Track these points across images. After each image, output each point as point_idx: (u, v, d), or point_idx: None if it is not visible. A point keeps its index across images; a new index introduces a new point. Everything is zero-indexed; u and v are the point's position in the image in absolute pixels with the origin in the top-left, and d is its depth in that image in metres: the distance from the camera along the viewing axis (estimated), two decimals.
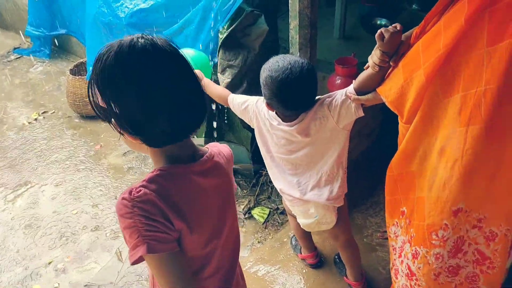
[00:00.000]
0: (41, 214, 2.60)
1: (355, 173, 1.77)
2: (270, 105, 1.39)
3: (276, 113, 1.44)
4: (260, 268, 2.07)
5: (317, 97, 1.43)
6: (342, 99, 1.37)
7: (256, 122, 1.55)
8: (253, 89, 2.18)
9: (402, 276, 1.39)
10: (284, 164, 1.56)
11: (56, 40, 4.34)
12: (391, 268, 1.50)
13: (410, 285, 1.35)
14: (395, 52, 1.20)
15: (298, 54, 1.69)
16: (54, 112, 3.56)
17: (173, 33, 2.14)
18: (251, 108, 1.54)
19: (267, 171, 2.56)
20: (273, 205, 2.49)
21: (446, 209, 1.16)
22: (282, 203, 2.48)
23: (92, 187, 2.78)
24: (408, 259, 1.32)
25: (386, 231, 2.17)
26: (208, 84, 1.66)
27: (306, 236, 1.97)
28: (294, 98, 1.34)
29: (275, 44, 2.38)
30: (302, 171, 1.55)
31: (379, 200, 2.38)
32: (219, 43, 2.00)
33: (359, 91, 1.33)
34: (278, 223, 2.38)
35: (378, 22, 3.56)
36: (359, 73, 2.18)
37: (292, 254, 2.13)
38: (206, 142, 2.41)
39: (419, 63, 1.12)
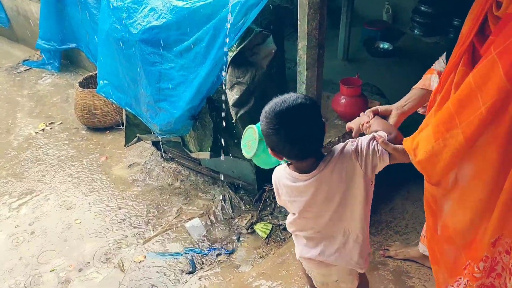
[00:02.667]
0: (45, 223, 2.62)
1: None
2: (274, 151, 1.23)
3: (288, 166, 1.30)
4: (262, 283, 2.08)
5: (335, 146, 1.29)
6: (368, 141, 1.24)
7: (279, 194, 1.40)
8: (260, 106, 2.24)
9: None
10: (305, 224, 1.39)
11: (65, 54, 4.45)
12: None
13: None
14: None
15: (305, 73, 1.75)
16: (61, 123, 3.62)
17: (183, 50, 2.20)
18: (274, 182, 1.39)
19: (270, 186, 2.61)
20: (275, 220, 2.51)
21: (486, 242, 1.15)
22: (284, 219, 2.51)
23: (96, 197, 2.81)
24: None
25: (387, 249, 2.20)
26: None
27: None
28: (292, 131, 1.16)
29: (281, 63, 2.46)
30: (326, 231, 1.37)
31: (380, 219, 2.41)
32: (229, 61, 2.07)
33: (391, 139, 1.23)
34: (281, 239, 2.40)
35: (381, 45, 3.67)
36: (363, 94, 2.26)
37: (294, 270, 2.14)
38: (211, 157, 2.45)
39: (454, 123, 1.07)
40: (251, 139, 1.35)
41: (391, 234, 2.33)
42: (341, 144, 1.28)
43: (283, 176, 1.33)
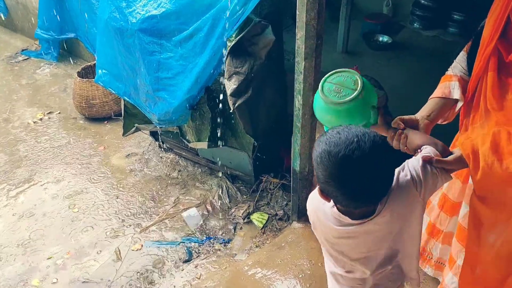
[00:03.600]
0: (43, 211, 2.63)
1: None
2: (324, 192, 1.02)
3: (337, 208, 1.07)
4: (257, 271, 2.10)
5: None
6: (421, 165, 1.07)
7: (314, 224, 1.18)
8: (257, 96, 2.25)
9: None
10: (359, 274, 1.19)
11: (64, 44, 4.43)
12: None
13: None
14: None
15: (303, 63, 1.76)
16: (59, 113, 3.62)
17: (182, 39, 2.21)
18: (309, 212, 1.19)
19: (267, 177, 2.63)
20: (272, 211, 2.53)
21: None
22: (280, 209, 2.53)
23: (94, 186, 2.82)
24: None
25: None
26: None
27: None
28: (361, 184, 0.95)
29: (280, 54, 2.47)
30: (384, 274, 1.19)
31: None
32: (227, 51, 2.08)
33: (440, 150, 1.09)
34: (277, 228, 2.43)
35: (380, 38, 3.68)
36: None
37: (289, 258, 2.16)
38: (209, 146, 2.47)
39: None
40: (344, 85, 1.15)
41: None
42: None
43: (325, 212, 1.11)
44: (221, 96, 2.27)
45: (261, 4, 2.03)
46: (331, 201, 1.05)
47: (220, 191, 2.69)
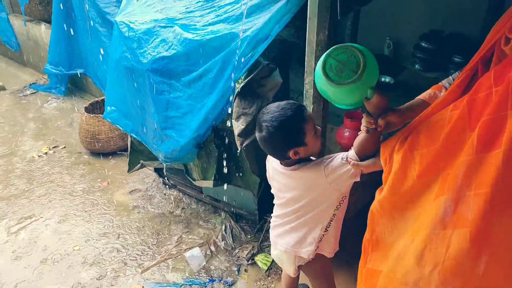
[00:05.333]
0: (43, 248, 2.59)
1: (359, 222, 1.80)
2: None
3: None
4: None
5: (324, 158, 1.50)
6: (341, 163, 1.42)
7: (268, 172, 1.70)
8: None
9: None
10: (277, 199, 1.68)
11: (71, 79, 4.53)
12: None
13: None
14: (381, 115, 1.22)
15: (312, 107, 1.79)
16: (64, 147, 3.63)
17: (192, 80, 2.25)
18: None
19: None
20: None
21: None
22: None
23: (96, 223, 2.79)
24: None
25: None
26: None
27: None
28: (261, 142, 1.48)
29: (286, 95, 2.51)
30: (285, 212, 1.62)
31: None
32: (236, 92, 2.12)
33: (360, 155, 1.35)
34: (281, 271, 2.36)
35: (382, 79, 3.75)
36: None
37: None
38: (214, 185, 2.46)
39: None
40: (347, 65, 1.16)
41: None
42: (322, 158, 1.50)
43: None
44: (228, 136, 2.28)
45: (269, 48, 2.09)
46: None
47: (224, 231, 2.65)
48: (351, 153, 1.39)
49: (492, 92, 0.98)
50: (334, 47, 1.18)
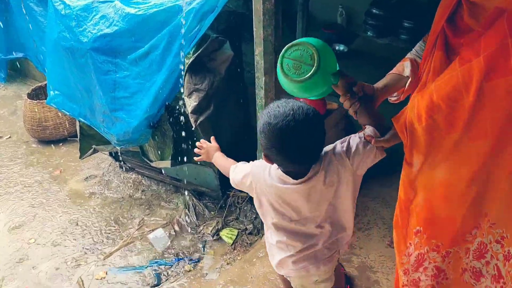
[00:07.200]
0: None
1: None
2: (267, 157, 1.22)
3: (280, 169, 1.26)
4: None
5: (325, 148, 1.30)
6: (363, 143, 1.25)
7: (255, 193, 1.35)
8: (219, 112, 2.23)
9: (424, 280, 1.37)
10: (300, 231, 1.36)
11: (12, 64, 4.20)
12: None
13: (437, 282, 1.33)
14: (352, 84, 1.23)
15: (263, 79, 1.76)
16: (9, 137, 3.41)
17: (138, 57, 2.15)
18: (247, 177, 1.35)
19: (235, 192, 2.60)
20: (241, 226, 2.50)
21: (477, 209, 1.19)
22: (250, 224, 2.51)
23: (52, 214, 2.67)
24: (435, 262, 1.32)
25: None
26: (219, 157, 1.55)
27: None
28: (297, 149, 1.16)
29: (240, 68, 2.46)
30: (311, 234, 1.37)
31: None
32: (186, 68, 2.04)
33: (379, 128, 1.24)
34: (247, 243, 2.40)
35: (337, 47, 3.78)
36: (323, 100, 2.28)
37: (261, 274, 2.14)
38: (173, 165, 2.40)
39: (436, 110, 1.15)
40: (302, 60, 1.16)
41: (354, 231, 2.39)
42: (330, 146, 1.29)
43: (268, 174, 1.29)
44: (182, 113, 2.22)
45: (218, 20, 2.02)
46: (274, 164, 1.24)
47: (187, 209, 2.63)
48: (368, 129, 1.25)
49: (509, 43, 0.99)
50: (286, 47, 1.20)
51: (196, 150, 1.62)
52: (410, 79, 1.38)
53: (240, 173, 1.39)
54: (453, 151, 1.16)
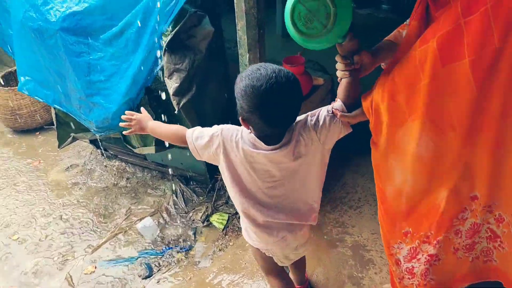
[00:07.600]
0: None
1: None
2: (246, 121, 1.20)
3: (254, 134, 1.24)
4: (223, 277, 2.00)
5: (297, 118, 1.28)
6: (329, 117, 1.25)
7: (223, 155, 1.30)
8: (202, 92, 2.10)
9: (418, 267, 1.37)
10: (266, 201, 1.36)
11: None
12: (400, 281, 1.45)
13: (430, 264, 1.33)
14: (355, 53, 1.18)
15: (247, 55, 1.64)
16: None
17: (112, 36, 1.99)
18: (216, 138, 1.30)
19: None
20: (231, 210, 2.42)
21: (465, 196, 1.18)
22: None
23: (32, 208, 2.54)
24: (426, 253, 1.31)
25: None
26: (158, 126, 1.47)
27: (279, 272, 1.70)
28: (278, 111, 1.15)
29: (221, 45, 2.32)
30: (288, 204, 1.38)
31: (334, 196, 2.42)
32: (164, 46, 1.90)
33: (347, 103, 1.24)
34: (238, 228, 2.33)
35: None
36: (307, 72, 2.19)
37: (254, 260, 2.08)
38: (157, 151, 2.29)
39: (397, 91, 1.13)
40: (316, 15, 1.08)
41: (345, 209, 2.35)
42: (302, 116, 1.28)
43: (240, 138, 1.27)
44: (164, 96, 2.09)
45: None
46: (250, 128, 1.22)
47: (175, 196, 2.54)
48: (337, 103, 1.26)
49: (461, 24, 0.93)
50: None
51: (122, 124, 1.53)
52: None
53: (205, 135, 1.32)
54: (419, 139, 1.12)
